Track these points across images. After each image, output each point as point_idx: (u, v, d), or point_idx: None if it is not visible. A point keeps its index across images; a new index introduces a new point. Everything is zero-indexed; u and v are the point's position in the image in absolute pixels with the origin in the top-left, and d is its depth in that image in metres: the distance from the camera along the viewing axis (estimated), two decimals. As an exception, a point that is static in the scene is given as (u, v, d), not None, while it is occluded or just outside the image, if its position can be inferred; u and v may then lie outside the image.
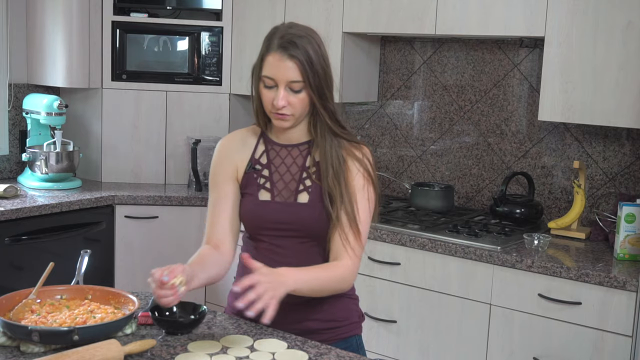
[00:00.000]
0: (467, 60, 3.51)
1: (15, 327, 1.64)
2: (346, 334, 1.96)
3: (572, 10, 2.83)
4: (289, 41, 1.80)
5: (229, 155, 1.94)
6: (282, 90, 1.79)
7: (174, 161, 3.97)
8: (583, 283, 2.60)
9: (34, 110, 3.69)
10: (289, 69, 1.78)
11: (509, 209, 3.19)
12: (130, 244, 3.63)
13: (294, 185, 1.88)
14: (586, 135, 3.21)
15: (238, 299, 1.62)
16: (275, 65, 1.79)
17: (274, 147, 1.92)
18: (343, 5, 3.46)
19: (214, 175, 1.94)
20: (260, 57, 1.85)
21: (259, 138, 1.95)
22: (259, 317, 1.61)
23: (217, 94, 3.94)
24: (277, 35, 1.83)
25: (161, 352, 1.69)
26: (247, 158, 1.92)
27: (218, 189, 1.93)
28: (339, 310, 1.95)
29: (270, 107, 1.82)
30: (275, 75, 1.79)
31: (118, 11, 3.83)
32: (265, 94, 1.82)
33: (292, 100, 1.80)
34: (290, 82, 1.79)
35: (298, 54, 1.78)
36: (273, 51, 1.81)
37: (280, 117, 1.83)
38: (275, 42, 1.81)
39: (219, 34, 3.89)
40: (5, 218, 3.13)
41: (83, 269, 1.96)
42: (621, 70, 2.74)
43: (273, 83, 1.80)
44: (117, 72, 3.86)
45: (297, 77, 1.78)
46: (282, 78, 1.79)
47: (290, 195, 1.88)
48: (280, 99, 1.79)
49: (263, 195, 1.89)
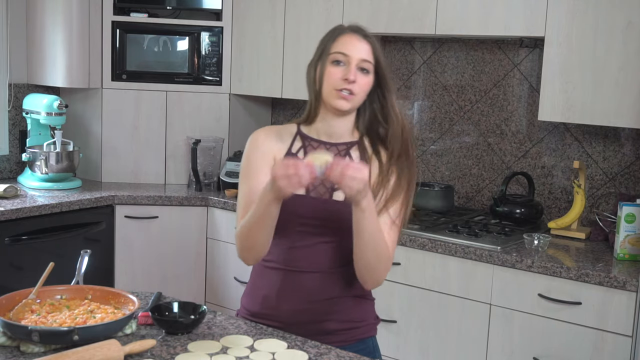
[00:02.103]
0: (467, 60, 3.51)
1: (15, 327, 1.64)
2: (363, 335, 1.96)
3: (572, 10, 2.83)
4: (360, 27, 1.89)
5: (265, 145, 1.92)
6: (354, 66, 1.83)
7: (174, 161, 3.97)
8: (583, 283, 2.60)
9: (34, 110, 3.69)
10: (363, 49, 1.84)
11: (509, 209, 3.19)
12: (130, 244, 3.63)
13: (329, 183, 1.87)
14: (586, 135, 3.21)
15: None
16: (350, 42, 1.84)
17: (311, 144, 1.92)
18: (343, 5, 3.46)
19: (249, 164, 1.91)
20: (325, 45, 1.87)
21: (295, 135, 1.94)
22: (259, 317, 1.62)
23: (217, 94, 3.94)
24: (345, 26, 1.90)
25: (161, 352, 1.69)
26: (285, 151, 1.91)
27: (253, 177, 1.89)
28: (356, 312, 1.95)
29: (337, 83, 1.83)
30: (349, 51, 1.83)
31: (118, 11, 3.84)
32: (333, 71, 1.83)
33: (360, 80, 1.83)
34: (362, 61, 1.83)
35: (371, 37, 1.87)
36: (347, 32, 1.86)
37: (344, 96, 1.83)
38: (346, 28, 1.88)
39: (219, 34, 3.89)
40: (5, 218, 3.13)
41: (83, 269, 1.96)
42: (621, 70, 2.74)
43: (345, 60, 1.83)
44: (117, 72, 3.86)
45: (369, 57, 1.85)
46: (356, 55, 1.83)
47: (326, 192, 1.87)
48: (353, 73, 1.82)
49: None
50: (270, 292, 1.91)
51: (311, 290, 1.87)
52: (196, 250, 3.71)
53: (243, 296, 2.03)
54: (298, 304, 1.86)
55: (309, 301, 1.86)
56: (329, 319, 1.90)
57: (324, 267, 1.87)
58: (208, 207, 3.68)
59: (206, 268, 3.73)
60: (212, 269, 3.71)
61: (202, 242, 3.71)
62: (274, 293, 1.90)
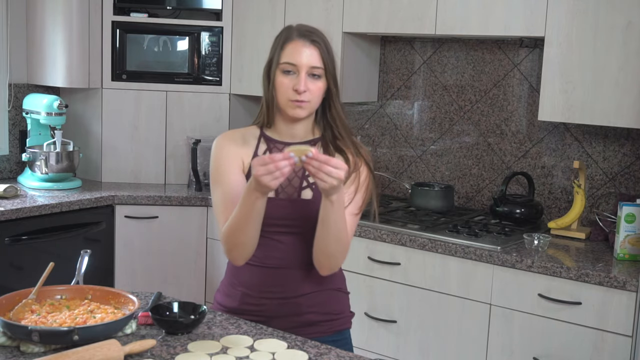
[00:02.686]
0: (467, 60, 3.51)
1: (15, 327, 1.64)
2: (340, 327, 2.03)
3: (572, 10, 2.83)
4: (308, 31, 1.88)
5: (232, 149, 1.95)
6: (304, 75, 1.85)
7: (174, 161, 3.97)
8: (583, 283, 2.60)
9: (34, 110, 3.69)
10: (311, 55, 1.85)
11: (509, 209, 3.19)
12: (130, 244, 3.63)
13: (297, 182, 1.91)
14: (586, 135, 3.21)
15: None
16: (297, 51, 1.85)
17: (276, 145, 1.95)
18: (343, 5, 3.46)
19: (218, 168, 1.94)
20: (275, 50, 1.90)
21: (259, 137, 1.98)
22: (238, 313, 1.69)
23: (217, 94, 3.94)
24: (293, 29, 1.90)
25: (161, 352, 1.69)
26: (251, 154, 1.94)
27: (225, 181, 1.92)
28: (334, 304, 2.02)
29: (289, 94, 1.86)
30: (297, 61, 1.85)
31: (118, 11, 3.83)
32: (283, 81, 1.87)
33: (311, 86, 1.86)
34: (312, 68, 1.85)
35: (319, 40, 1.87)
36: (294, 39, 1.87)
37: (298, 104, 1.86)
38: (293, 33, 1.88)
39: (219, 34, 3.89)
40: (5, 218, 3.13)
41: (83, 269, 1.96)
42: (621, 70, 2.74)
43: (294, 69, 1.85)
44: (117, 72, 3.86)
45: (318, 62, 1.86)
46: (305, 63, 1.85)
47: (294, 192, 1.91)
48: (303, 83, 1.84)
49: None
50: (249, 288, 1.96)
51: (290, 286, 1.93)
52: (196, 250, 3.71)
53: (217, 293, 2.07)
54: (279, 298, 1.93)
55: (289, 296, 1.93)
56: (310, 311, 1.96)
57: (301, 264, 1.93)
58: (208, 207, 3.68)
59: (206, 268, 3.73)
60: (212, 269, 3.71)
61: (202, 242, 3.71)
62: (254, 289, 1.95)
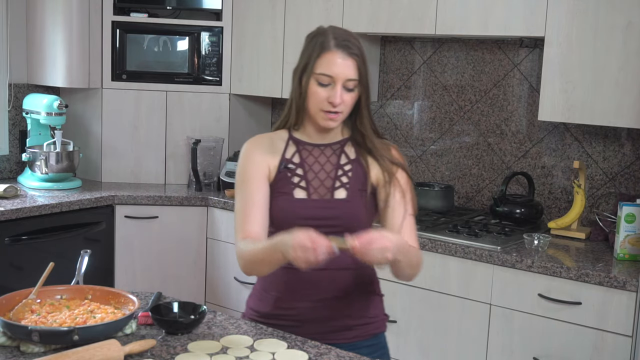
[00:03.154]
0: (467, 60, 3.51)
1: (15, 327, 1.65)
2: (376, 330, 1.99)
3: (572, 10, 2.83)
4: (345, 40, 1.83)
5: (259, 154, 1.92)
6: (340, 88, 1.82)
7: (174, 161, 3.97)
8: (583, 283, 2.60)
9: (34, 110, 3.69)
10: (349, 67, 1.82)
11: (509, 209, 3.19)
12: (130, 244, 3.63)
13: (329, 183, 1.90)
14: (586, 135, 3.21)
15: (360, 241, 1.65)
16: (334, 63, 1.81)
17: (305, 147, 1.94)
18: (343, 5, 3.46)
19: (244, 174, 1.92)
20: (310, 56, 1.86)
21: (287, 140, 1.96)
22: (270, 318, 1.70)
23: (217, 94, 3.94)
24: (329, 35, 1.85)
25: (161, 352, 1.69)
26: (279, 158, 1.92)
27: (249, 187, 1.90)
28: (370, 308, 1.99)
29: (323, 105, 1.84)
30: (334, 73, 1.81)
31: (118, 11, 3.84)
32: (318, 91, 1.84)
33: (345, 98, 1.83)
34: (347, 80, 1.82)
35: (356, 52, 1.83)
36: (331, 50, 1.82)
37: (331, 116, 1.84)
38: (330, 41, 1.83)
39: (219, 34, 3.89)
40: (5, 218, 3.13)
41: (83, 269, 1.96)
42: (621, 70, 2.74)
43: (330, 81, 1.82)
44: (117, 72, 3.86)
45: (354, 75, 1.83)
46: (341, 76, 1.81)
47: (327, 193, 1.90)
48: (338, 96, 1.81)
49: (298, 193, 1.89)
50: (282, 292, 1.93)
51: (324, 288, 1.89)
52: (196, 250, 3.71)
53: (250, 298, 2.03)
54: (313, 301, 1.88)
55: (323, 298, 1.89)
56: (344, 314, 1.92)
57: (333, 266, 1.87)
58: (208, 207, 3.68)
59: (206, 268, 3.73)
60: (212, 269, 3.71)
61: (202, 242, 3.71)
62: (286, 293, 1.92)
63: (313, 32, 1.90)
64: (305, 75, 1.86)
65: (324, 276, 1.88)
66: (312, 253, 1.62)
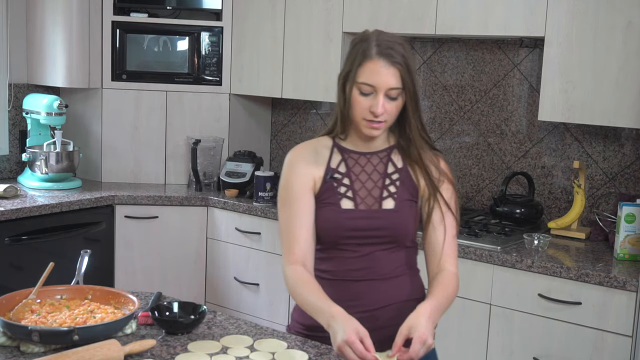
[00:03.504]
0: (467, 60, 3.51)
1: (15, 327, 1.64)
2: None
3: (572, 10, 2.83)
4: (388, 47, 1.78)
5: (304, 167, 1.88)
6: (382, 97, 1.77)
7: (174, 161, 3.97)
8: (583, 283, 2.60)
9: (34, 110, 3.69)
10: (391, 76, 1.77)
11: (509, 209, 3.19)
12: (130, 244, 3.63)
13: (377, 192, 1.87)
14: (586, 135, 3.21)
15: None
16: (376, 72, 1.76)
17: (351, 156, 1.90)
18: (343, 5, 3.46)
19: (289, 189, 1.88)
20: (352, 63, 1.81)
21: (332, 147, 1.91)
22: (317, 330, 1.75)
23: (217, 94, 3.94)
24: (372, 42, 1.79)
25: (161, 352, 1.69)
26: (324, 168, 1.88)
27: (294, 202, 1.86)
28: None
29: (365, 114, 1.80)
30: (376, 82, 1.77)
31: (118, 11, 3.84)
32: (361, 101, 1.79)
33: (388, 107, 1.79)
34: (390, 89, 1.77)
35: (399, 61, 1.77)
36: (373, 58, 1.77)
37: (374, 125, 1.80)
38: (373, 49, 1.78)
39: (219, 34, 3.89)
40: (5, 218, 3.13)
41: (83, 269, 1.96)
42: (621, 70, 2.74)
43: (371, 90, 1.78)
44: (117, 72, 3.86)
45: (397, 84, 1.77)
46: (383, 85, 1.77)
47: (375, 203, 1.86)
48: (380, 106, 1.77)
49: (345, 204, 1.85)
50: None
51: (368, 299, 1.86)
52: (196, 250, 3.71)
53: (295, 310, 1.99)
54: (356, 312, 1.77)
55: (367, 310, 1.84)
56: (388, 324, 1.83)
57: (379, 275, 1.86)
58: (208, 207, 3.68)
59: (206, 268, 3.73)
60: (212, 269, 3.71)
61: (202, 242, 3.71)
62: None
63: (357, 37, 1.85)
64: (348, 83, 1.81)
65: (368, 286, 1.85)
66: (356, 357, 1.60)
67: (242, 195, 3.70)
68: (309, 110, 4.08)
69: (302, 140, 2.01)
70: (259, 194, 3.52)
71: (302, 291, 1.79)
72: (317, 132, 3.95)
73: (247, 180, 3.69)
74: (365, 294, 1.86)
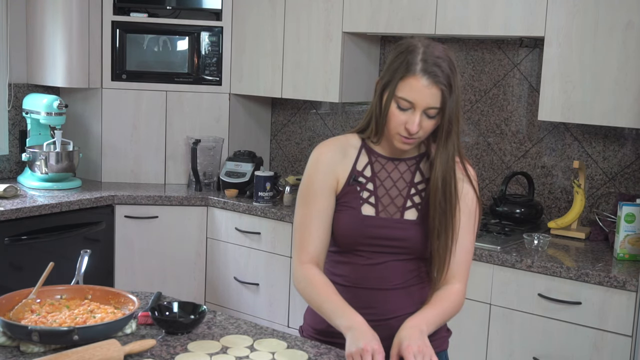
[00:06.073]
0: (467, 60, 3.51)
1: (15, 327, 1.64)
2: (436, 349, 1.79)
3: (572, 10, 2.83)
4: (434, 64, 1.69)
5: (329, 166, 1.83)
6: (419, 116, 1.71)
7: (174, 161, 3.97)
8: (583, 283, 2.60)
9: (34, 110, 3.69)
10: (432, 96, 1.69)
11: (509, 208, 3.19)
12: (130, 244, 3.63)
13: (400, 201, 1.82)
14: (586, 135, 3.21)
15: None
16: (418, 90, 1.69)
17: (378, 160, 1.84)
18: (343, 5, 3.46)
19: (311, 186, 1.83)
20: (394, 74, 1.72)
21: (360, 148, 1.86)
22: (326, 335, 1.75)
23: (217, 94, 3.94)
24: (418, 55, 1.71)
25: (161, 352, 1.69)
26: (349, 169, 1.83)
27: (314, 201, 1.82)
28: None
29: (400, 130, 1.73)
30: (415, 100, 1.70)
31: (118, 11, 3.84)
32: (397, 115, 1.72)
33: (424, 124, 1.73)
34: (429, 108, 1.71)
35: (443, 81, 1.69)
36: (416, 75, 1.69)
37: (408, 140, 1.75)
38: (418, 64, 1.69)
39: (219, 34, 3.89)
40: (5, 218, 3.13)
41: (83, 269, 1.96)
42: (621, 70, 2.74)
43: (410, 106, 1.71)
44: (117, 72, 3.86)
45: (436, 104, 1.70)
46: (422, 104, 1.70)
47: (397, 212, 1.81)
48: (416, 125, 1.71)
49: (366, 209, 1.81)
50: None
51: (383, 307, 1.82)
52: (196, 250, 3.71)
53: (307, 312, 1.95)
54: (370, 321, 1.73)
55: (381, 318, 1.80)
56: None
57: (396, 285, 1.82)
58: (208, 207, 3.68)
59: (206, 268, 3.73)
60: (212, 269, 3.71)
61: (202, 242, 3.71)
62: None
63: (403, 44, 1.76)
64: (386, 93, 1.74)
65: (383, 294, 1.82)
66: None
67: (242, 195, 3.70)
68: (309, 110, 4.08)
69: (302, 140, 2.01)
70: (258, 193, 3.52)
71: (318, 293, 1.77)
72: (317, 132, 3.96)
73: (247, 180, 3.70)
74: (379, 302, 1.82)
